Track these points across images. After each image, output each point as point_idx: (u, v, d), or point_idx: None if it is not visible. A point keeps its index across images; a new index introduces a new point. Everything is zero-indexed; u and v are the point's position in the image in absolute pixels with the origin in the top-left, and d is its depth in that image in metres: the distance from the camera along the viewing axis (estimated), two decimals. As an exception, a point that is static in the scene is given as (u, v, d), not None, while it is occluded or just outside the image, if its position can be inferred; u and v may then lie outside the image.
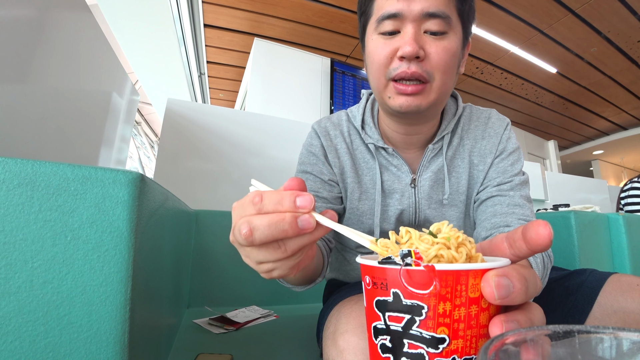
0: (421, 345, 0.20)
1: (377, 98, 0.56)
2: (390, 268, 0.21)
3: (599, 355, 0.17)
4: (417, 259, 0.21)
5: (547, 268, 0.49)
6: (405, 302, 0.21)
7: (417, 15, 0.48)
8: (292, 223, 0.25)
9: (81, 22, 1.03)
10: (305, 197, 0.26)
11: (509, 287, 0.20)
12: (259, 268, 0.29)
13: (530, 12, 3.14)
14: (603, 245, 1.20)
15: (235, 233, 0.27)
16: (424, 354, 0.20)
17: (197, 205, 1.14)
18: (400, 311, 0.21)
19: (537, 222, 0.22)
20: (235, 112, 1.59)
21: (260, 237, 0.25)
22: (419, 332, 0.21)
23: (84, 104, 1.07)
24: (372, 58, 0.52)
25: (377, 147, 0.60)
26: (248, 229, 0.25)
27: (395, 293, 0.21)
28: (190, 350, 0.65)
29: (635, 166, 7.72)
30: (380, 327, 0.22)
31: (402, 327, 0.21)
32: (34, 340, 0.34)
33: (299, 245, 0.27)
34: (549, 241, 0.22)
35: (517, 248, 0.23)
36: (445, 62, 0.49)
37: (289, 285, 0.52)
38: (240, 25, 3.32)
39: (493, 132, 0.61)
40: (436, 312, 0.20)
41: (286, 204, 0.26)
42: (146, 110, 5.84)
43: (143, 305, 0.43)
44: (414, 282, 0.20)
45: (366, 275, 0.23)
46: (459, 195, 0.60)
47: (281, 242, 0.27)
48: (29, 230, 0.34)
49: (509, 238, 0.24)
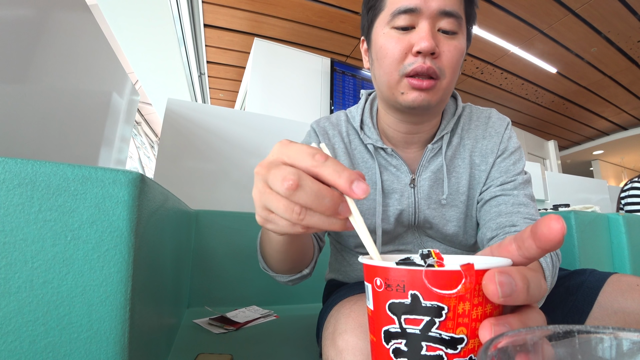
0: (440, 347, 0.20)
1: (385, 94, 0.55)
2: (410, 269, 0.20)
3: (599, 355, 0.17)
4: (439, 259, 0.21)
5: (556, 267, 0.49)
6: (425, 304, 0.20)
7: (433, 12, 0.48)
8: (335, 201, 0.24)
9: (81, 22, 1.03)
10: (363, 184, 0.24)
11: (512, 285, 0.19)
12: (262, 213, 0.27)
13: (530, 12, 3.14)
14: (603, 245, 1.20)
15: (275, 176, 0.24)
16: (443, 356, 0.20)
17: (197, 205, 1.14)
18: (419, 313, 0.20)
19: (549, 217, 0.20)
20: (235, 112, 1.59)
21: (300, 198, 0.24)
22: (438, 333, 0.20)
23: (84, 104, 1.07)
24: (385, 52, 0.51)
25: (376, 147, 0.60)
26: (295, 182, 0.23)
27: (414, 295, 0.20)
28: (190, 350, 0.65)
29: (635, 166, 7.72)
30: (395, 330, 0.21)
31: (420, 329, 0.20)
32: (34, 340, 0.34)
33: (316, 223, 0.25)
34: (561, 237, 0.20)
35: (526, 249, 0.22)
36: (455, 61, 0.50)
37: (272, 273, 0.53)
38: (240, 25, 3.32)
39: (494, 132, 0.61)
40: (456, 313, 0.20)
41: (343, 180, 0.23)
42: (146, 110, 5.84)
43: (143, 305, 0.43)
44: (438, 283, 0.20)
45: (376, 278, 0.22)
46: (459, 196, 0.60)
47: (305, 209, 0.25)
48: (29, 230, 0.34)
49: (518, 239, 0.23)
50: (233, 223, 1.12)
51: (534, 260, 0.23)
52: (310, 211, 0.25)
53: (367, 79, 3.44)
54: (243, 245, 1.11)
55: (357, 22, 3.29)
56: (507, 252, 0.23)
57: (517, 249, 0.23)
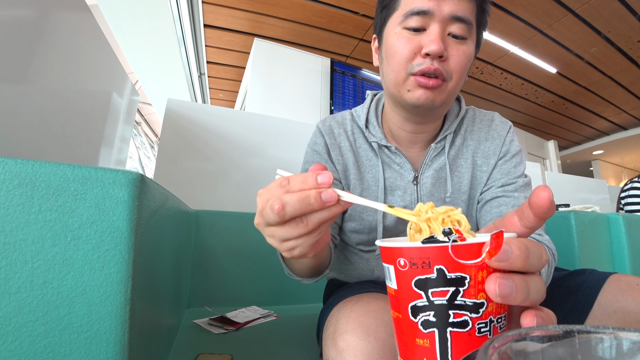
0: (465, 312, 0.23)
1: (392, 92, 0.56)
2: (437, 246, 0.23)
3: (599, 355, 0.17)
4: (458, 233, 0.23)
5: (551, 266, 0.50)
6: (450, 276, 0.22)
7: (445, 16, 0.50)
8: (317, 197, 0.28)
9: (81, 22, 1.03)
10: (324, 174, 0.29)
11: (508, 252, 0.21)
12: (282, 246, 0.32)
13: (530, 12, 3.14)
14: (603, 245, 1.20)
15: (265, 212, 0.30)
16: (468, 320, 0.23)
17: (197, 205, 1.14)
18: (444, 285, 0.23)
19: (538, 187, 0.24)
20: (235, 112, 1.59)
21: (290, 211, 0.28)
22: (463, 301, 0.22)
23: (84, 104, 1.07)
24: (394, 51, 0.53)
25: (380, 145, 0.62)
26: (280, 204, 0.28)
27: (440, 269, 0.23)
28: (190, 350, 0.65)
29: (635, 166, 7.72)
30: (422, 304, 0.23)
31: (447, 299, 0.23)
32: (34, 340, 0.34)
33: (319, 219, 0.30)
34: (549, 202, 0.23)
35: (525, 218, 0.25)
36: (463, 65, 0.52)
37: (298, 277, 0.54)
38: (240, 25, 3.32)
39: (496, 134, 0.63)
40: (476, 281, 0.22)
41: (310, 182, 0.29)
42: (146, 110, 5.84)
43: (143, 305, 0.43)
44: (462, 256, 0.22)
45: (400, 258, 0.24)
46: (461, 195, 0.61)
47: (304, 217, 0.29)
48: (29, 230, 0.34)
49: (518, 212, 0.26)
50: (233, 223, 1.12)
51: (535, 229, 0.25)
52: (309, 215, 0.29)
53: (367, 79, 3.44)
54: (243, 246, 1.11)
55: (357, 22, 3.29)
56: (509, 225, 0.26)
57: (519, 220, 0.25)
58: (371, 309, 0.41)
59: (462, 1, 0.50)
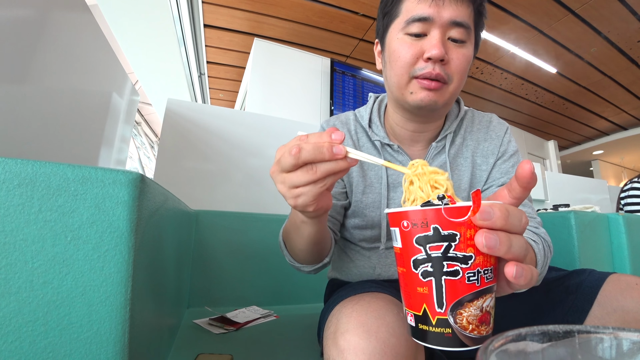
0: (456, 263, 0.27)
1: (395, 94, 0.58)
2: (433, 208, 0.27)
3: (599, 355, 0.17)
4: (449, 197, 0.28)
5: (547, 257, 0.51)
6: (444, 233, 0.27)
7: (445, 21, 0.52)
8: (329, 148, 0.33)
9: (81, 22, 1.03)
10: (337, 133, 0.34)
11: (491, 213, 0.26)
12: (290, 193, 0.36)
13: (530, 12, 3.14)
14: (603, 245, 1.20)
15: (283, 157, 0.34)
16: (459, 270, 0.27)
17: (197, 205, 1.14)
18: (439, 241, 0.27)
19: (523, 161, 0.28)
20: (235, 112, 1.59)
21: (305, 155, 0.33)
22: (455, 254, 0.27)
23: (84, 104, 1.07)
24: (397, 56, 0.55)
25: (383, 143, 0.64)
26: (297, 148, 0.33)
27: (435, 227, 0.27)
28: (190, 350, 0.65)
29: (635, 166, 7.72)
30: (422, 257, 0.28)
31: (441, 252, 0.27)
32: (34, 340, 0.34)
33: (327, 169, 0.34)
34: (531, 173, 0.27)
35: (513, 190, 0.29)
36: (463, 68, 0.54)
37: (298, 264, 0.57)
38: (240, 25, 3.32)
39: (495, 135, 0.66)
40: (465, 237, 0.27)
41: (325, 137, 0.34)
42: (146, 110, 5.84)
43: (143, 305, 0.43)
44: (453, 215, 0.27)
45: (404, 220, 0.29)
46: (461, 192, 0.63)
47: (314, 165, 0.34)
48: (29, 230, 0.34)
49: (507, 186, 0.30)
50: (233, 223, 1.12)
51: (522, 200, 0.30)
52: (319, 164, 0.34)
53: (367, 79, 3.44)
54: (243, 246, 1.11)
55: (357, 22, 3.29)
56: (500, 197, 0.31)
57: (508, 192, 0.30)
58: (372, 309, 0.41)
59: (460, 7, 0.52)
